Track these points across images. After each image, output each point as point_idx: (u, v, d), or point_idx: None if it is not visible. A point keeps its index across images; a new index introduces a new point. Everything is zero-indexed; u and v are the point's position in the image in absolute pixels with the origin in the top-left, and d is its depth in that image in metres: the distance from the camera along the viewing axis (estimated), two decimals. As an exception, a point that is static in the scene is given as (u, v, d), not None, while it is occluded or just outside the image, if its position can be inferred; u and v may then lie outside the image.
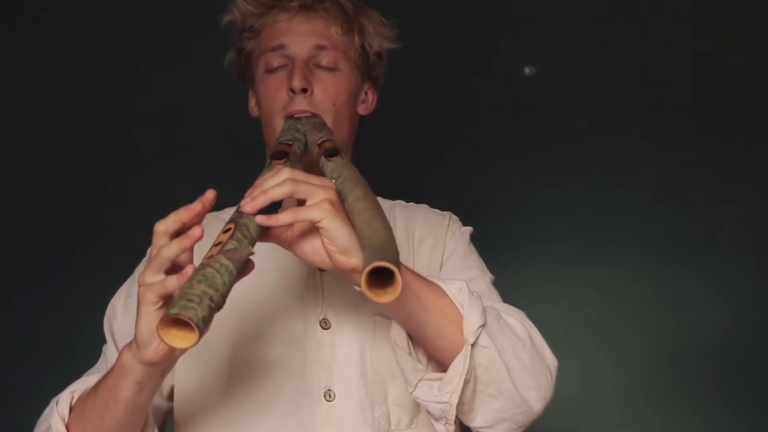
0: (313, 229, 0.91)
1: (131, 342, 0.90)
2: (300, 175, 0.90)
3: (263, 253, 0.93)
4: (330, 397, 1.07)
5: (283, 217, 0.88)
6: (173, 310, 0.76)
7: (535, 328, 1.05)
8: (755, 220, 2.00)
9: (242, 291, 0.91)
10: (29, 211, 1.97)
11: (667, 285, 1.99)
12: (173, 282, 0.84)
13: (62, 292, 1.92)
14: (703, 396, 1.95)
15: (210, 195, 0.88)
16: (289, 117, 1.12)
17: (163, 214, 0.91)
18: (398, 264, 0.81)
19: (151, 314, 0.86)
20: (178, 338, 0.77)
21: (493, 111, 2.05)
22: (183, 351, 0.88)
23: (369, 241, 0.84)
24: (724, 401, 1.95)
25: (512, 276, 1.94)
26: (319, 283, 1.13)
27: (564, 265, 1.99)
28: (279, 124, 1.13)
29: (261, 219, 0.87)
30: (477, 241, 1.30)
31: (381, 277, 0.81)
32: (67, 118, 2.00)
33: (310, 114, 1.12)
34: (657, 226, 2.00)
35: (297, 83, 1.11)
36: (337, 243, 0.88)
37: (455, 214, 1.27)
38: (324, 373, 1.08)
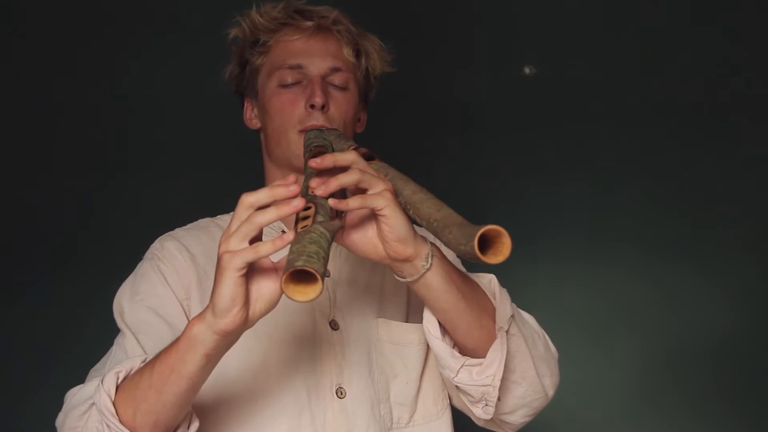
0: (366, 221, 0.95)
1: (202, 313, 0.90)
2: (362, 164, 0.95)
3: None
4: (341, 394, 1.11)
5: (352, 202, 0.91)
6: (299, 263, 0.79)
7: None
8: (755, 220, 2.00)
9: None
10: (29, 211, 1.97)
11: (666, 285, 1.99)
12: (268, 247, 0.84)
13: (62, 292, 1.92)
14: (703, 396, 1.95)
15: (293, 178, 0.89)
16: (308, 130, 1.15)
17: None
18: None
19: (235, 281, 0.85)
20: (297, 292, 0.80)
21: (492, 111, 2.05)
22: (255, 321, 0.90)
23: (448, 221, 0.89)
24: (724, 401, 1.95)
25: (512, 276, 1.95)
26: (327, 286, 1.15)
27: (564, 265, 1.99)
28: (293, 137, 1.17)
29: (334, 202, 0.91)
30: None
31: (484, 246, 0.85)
32: (66, 117, 2.00)
33: (328, 128, 1.16)
34: (657, 226, 2.00)
35: (319, 99, 1.15)
36: (397, 231, 0.92)
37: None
38: (335, 372, 1.12)
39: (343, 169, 0.94)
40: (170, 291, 1.12)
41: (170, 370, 0.92)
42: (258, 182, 1.29)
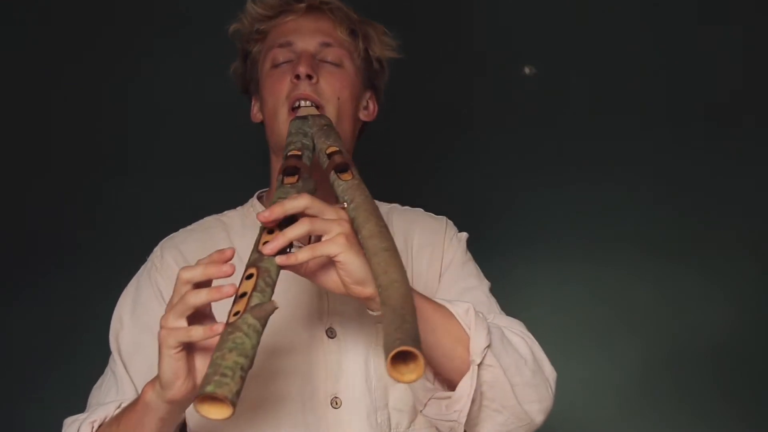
0: (329, 261, 0.93)
1: (154, 380, 0.92)
2: (316, 208, 0.92)
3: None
4: (336, 404, 1.10)
5: (301, 255, 0.90)
6: (209, 388, 0.78)
7: (535, 340, 1.09)
8: (755, 219, 2.00)
9: None
10: (29, 211, 1.97)
11: (667, 285, 1.99)
12: (199, 332, 0.85)
13: (62, 292, 1.92)
14: (703, 396, 1.95)
15: (230, 253, 0.90)
16: (295, 116, 1.13)
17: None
18: (418, 339, 0.80)
19: (173, 357, 0.87)
20: (213, 410, 0.80)
21: (492, 111, 2.05)
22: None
23: (387, 297, 0.85)
24: (724, 401, 1.94)
25: (512, 276, 1.96)
26: (324, 293, 1.15)
27: (564, 265, 1.99)
28: (283, 115, 1.15)
29: (281, 260, 0.89)
30: (477, 241, 1.31)
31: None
32: (66, 117, 2.00)
33: (314, 106, 1.14)
34: (657, 226, 2.00)
35: (303, 69, 1.14)
36: (353, 275, 0.91)
37: (456, 215, 1.29)
38: (330, 381, 1.11)
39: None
40: (165, 306, 1.12)
41: (132, 429, 0.96)
42: (261, 183, 1.29)
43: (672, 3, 2.06)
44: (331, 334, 1.13)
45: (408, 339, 0.79)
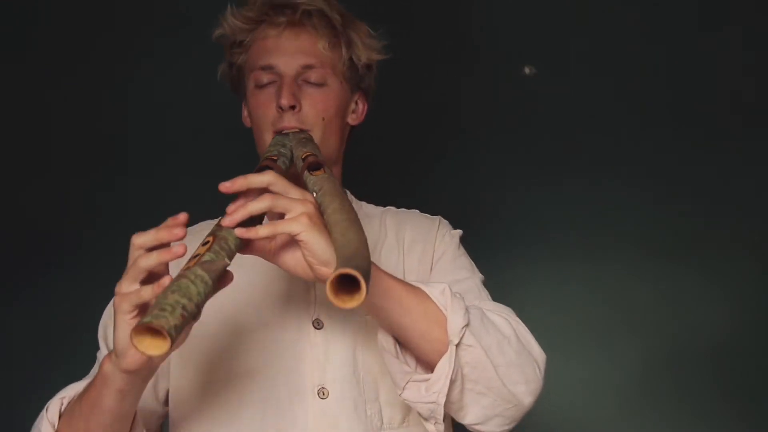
0: (294, 242, 0.92)
1: (111, 351, 0.92)
2: (280, 186, 0.92)
3: (257, 257, 0.94)
4: (323, 395, 1.10)
5: (262, 230, 0.90)
6: (146, 319, 0.78)
7: (522, 324, 1.07)
8: (755, 219, 2.00)
9: (236, 292, 0.92)
10: (29, 211, 1.97)
11: (667, 285, 1.99)
12: (148, 292, 0.86)
13: (62, 292, 1.92)
14: (703, 396, 1.95)
15: (183, 218, 0.90)
16: (278, 132, 1.15)
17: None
18: (367, 272, 0.82)
19: (127, 323, 0.87)
20: (152, 346, 0.79)
21: (492, 111, 2.05)
22: (161, 359, 0.90)
23: (342, 251, 0.86)
24: (724, 401, 1.94)
25: (512, 276, 1.96)
26: (311, 284, 1.15)
27: (564, 265, 1.99)
28: (268, 138, 1.16)
29: (240, 231, 0.89)
30: (477, 242, 1.30)
31: (352, 284, 0.81)
32: (66, 118, 2.00)
33: (297, 130, 1.15)
34: (657, 225, 2.00)
35: (285, 101, 1.14)
36: (316, 255, 0.90)
37: (455, 215, 1.29)
38: (317, 372, 1.11)
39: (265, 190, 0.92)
40: None
41: (92, 404, 0.96)
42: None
43: (672, 3, 2.06)
44: (318, 325, 1.13)
45: (350, 265, 0.80)
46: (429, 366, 1.00)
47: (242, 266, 0.94)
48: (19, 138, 2.00)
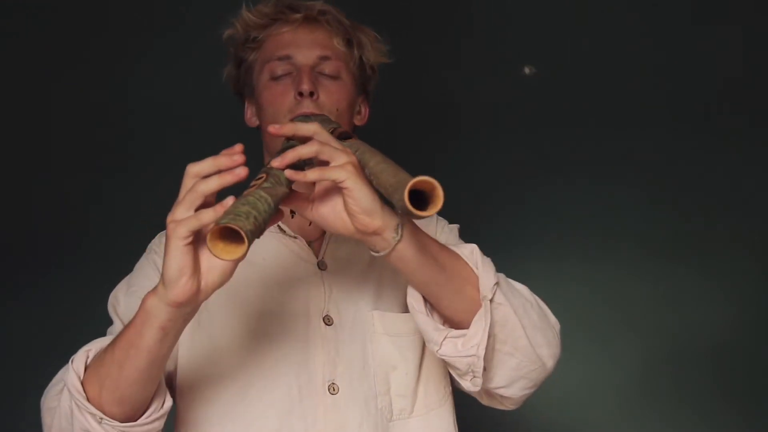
0: (333, 194, 0.93)
1: (156, 287, 0.90)
2: (325, 136, 0.94)
3: (267, 252, 0.93)
4: (334, 390, 1.11)
5: (311, 174, 0.90)
6: (223, 221, 0.78)
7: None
8: (755, 219, 2.00)
9: (246, 287, 0.92)
10: (29, 211, 1.97)
11: (667, 284, 1.99)
12: (210, 214, 0.84)
13: (62, 292, 1.92)
14: (703, 396, 1.95)
15: (239, 147, 0.90)
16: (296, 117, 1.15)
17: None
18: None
19: (181, 249, 0.86)
20: (225, 251, 0.80)
21: (492, 111, 2.06)
22: (209, 293, 0.89)
23: (400, 184, 0.86)
24: (724, 401, 1.95)
25: (512, 276, 1.95)
26: (320, 280, 1.16)
27: (564, 265, 1.99)
28: None
29: (290, 173, 0.90)
30: (477, 242, 1.30)
31: (417, 203, 0.83)
32: (66, 117, 2.00)
33: (315, 114, 1.15)
34: (657, 225, 2.00)
35: (306, 87, 1.15)
36: (361, 203, 0.90)
37: (455, 215, 1.29)
38: (328, 368, 1.11)
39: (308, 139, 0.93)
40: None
41: (129, 345, 0.93)
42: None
43: (671, 3, 2.06)
44: (328, 321, 1.14)
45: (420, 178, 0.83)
46: (458, 326, 1.02)
47: (252, 263, 0.93)
48: (19, 138, 2.00)
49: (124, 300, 1.14)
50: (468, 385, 1.03)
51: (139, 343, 0.92)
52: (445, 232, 1.25)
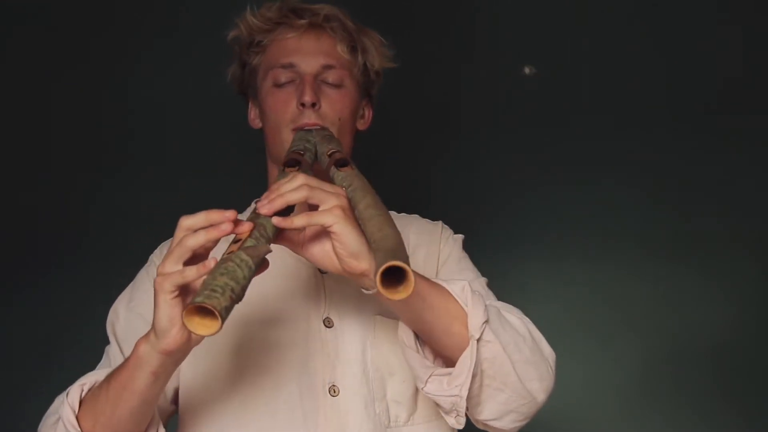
0: (323, 234, 0.95)
1: (148, 333, 0.92)
2: (314, 181, 0.94)
3: (268, 256, 0.93)
4: (334, 392, 1.11)
5: (297, 220, 0.92)
6: (198, 299, 0.80)
7: (532, 323, 1.10)
8: (755, 219, 2.00)
9: (247, 292, 0.92)
10: (29, 211, 1.97)
11: (667, 284, 1.99)
12: (193, 272, 0.87)
13: (62, 292, 1.92)
14: (703, 396, 1.95)
15: (231, 213, 0.91)
16: (299, 129, 1.16)
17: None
18: (409, 264, 0.85)
19: (169, 303, 0.88)
20: (201, 326, 0.82)
21: (492, 111, 2.06)
22: (199, 339, 0.91)
23: (380, 245, 0.88)
24: (724, 401, 1.95)
25: (512, 276, 1.96)
26: (321, 283, 1.16)
27: (564, 265, 1.99)
28: (286, 135, 1.17)
29: (277, 220, 0.91)
30: (478, 242, 1.31)
31: (392, 277, 0.85)
32: (65, 118, 2.00)
33: (319, 127, 1.16)
34: (657, 225, 2.00)
35: (308, 98, 1.15)
36: (348, 247, 0.92)
37: (455, 215, 1.30)
38: (328, 370, 1.12)
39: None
40: None
41: (122, 387, 0.97)
42: (260, 183, 1.29)
43: (671, 3, 2.06)
44: (328, 323, 1.14)
45: (396, 259, 0.83)
46: (447, 362, 1.02)
47: None
48: (19, 138, 2.00)
49: (124, 316, 1.16)
50: (453, 422, 1.04)
51: (132, 386, 0.96)
52: (449, 243, 1.25)
